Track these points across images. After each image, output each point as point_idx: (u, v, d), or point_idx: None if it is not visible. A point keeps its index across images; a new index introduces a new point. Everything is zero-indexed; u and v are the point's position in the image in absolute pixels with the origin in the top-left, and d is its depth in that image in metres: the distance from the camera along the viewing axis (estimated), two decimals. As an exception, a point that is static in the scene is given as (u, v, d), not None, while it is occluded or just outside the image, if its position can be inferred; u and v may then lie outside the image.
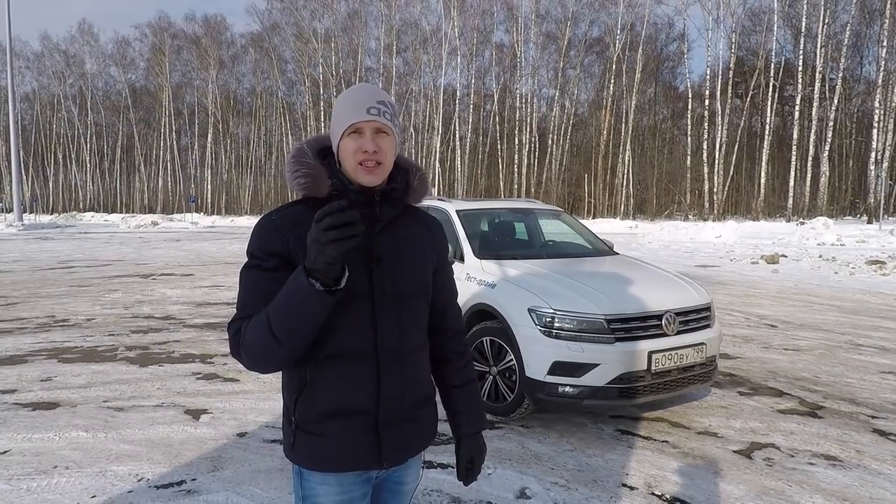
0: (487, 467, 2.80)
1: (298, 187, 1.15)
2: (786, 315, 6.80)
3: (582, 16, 36.99)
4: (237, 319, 1.11)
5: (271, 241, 1.12)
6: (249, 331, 1.06)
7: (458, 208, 4.61)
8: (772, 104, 30.92)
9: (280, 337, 1.02)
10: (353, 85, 1.23)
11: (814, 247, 15.46)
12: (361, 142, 1.12)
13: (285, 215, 1.15)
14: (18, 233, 22.87)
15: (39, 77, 49.98)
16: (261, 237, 1.14)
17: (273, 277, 1.09)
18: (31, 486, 2.57)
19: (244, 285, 1.14)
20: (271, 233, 1.13)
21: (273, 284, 1.08)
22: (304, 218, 1.10)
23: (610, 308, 3.17)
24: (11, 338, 5.35)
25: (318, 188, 1.14)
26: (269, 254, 1.11)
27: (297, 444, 1.15)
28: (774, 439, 3.20)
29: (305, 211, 1.13)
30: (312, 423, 1.14)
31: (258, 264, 1.12)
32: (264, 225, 1.16)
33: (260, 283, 1.11)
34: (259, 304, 1.08)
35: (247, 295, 1.12)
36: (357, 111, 1.12)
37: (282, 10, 41.11)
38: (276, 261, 1.11)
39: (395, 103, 1.26)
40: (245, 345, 1.07)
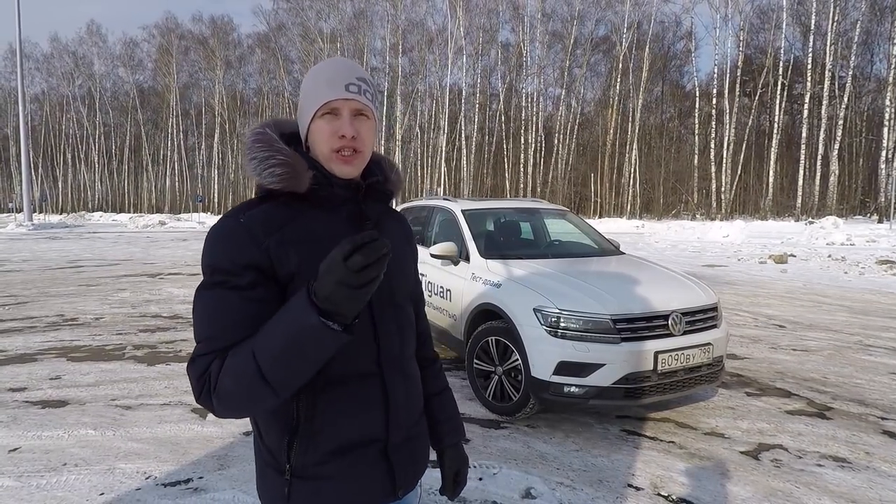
0: (493, 467, 2.79)
1: (274, 179, 0.93)
2: (794, 315, 6.74)
3: (588, 14, 36.88)
4: (202, 356, 0.86)
5: (245, 250, 0.89)
6: (228, 376, 0.82)
7: (463, 208, 4.61)
8: (780, 102, 30.66)
9: (275, 383, 0.81)
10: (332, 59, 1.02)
11: (823, 246, 15.32)
12: (338, 125, 0.95)
13: (256, 217, 0.93)
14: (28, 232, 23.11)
15: (49, 78, 50.45)
16: (229, 246, 0.90)
17: (248, 297, 0.88)
18: (40, 483, 2.59)
19: (206, 311, 0.89)
20: (243, 240, 0.90)
21: (249, 306, 0.87)
22: (279, 218, 0.93)
23: (616, 308, 3.16)
24: (21, 336, 5.41)
25: (298, 181, 0.94)
26: (242, 267, 0.88)
27: (296, 497, 0.93)
28: (782, 440, 3.18)
29: (278, 209, 0.94)
30: (315, 467, 0.93)
31: (225, 281, 0.88)
32: (232, 230, 0.91)
33: (230, 305, 0.87)
34: (232, 333, 0.85)
35: (213, 323, 0.87)
36: (333, 88, 0.94)
37: (288, 10, 41.28)
38: (252, 275, 0.89)
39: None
40: (221, 392, 0.83)
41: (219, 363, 0.85)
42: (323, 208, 0.98)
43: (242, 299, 0.88)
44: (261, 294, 0.89)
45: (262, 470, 0.98)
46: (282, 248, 0.91)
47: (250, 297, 0.88)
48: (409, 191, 39.51)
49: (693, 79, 35.26)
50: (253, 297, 0.88)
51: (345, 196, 0.99)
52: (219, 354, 0.85)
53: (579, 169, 38.31)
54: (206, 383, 0.84)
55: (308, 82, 0.99)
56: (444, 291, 4.26)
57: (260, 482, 1.00)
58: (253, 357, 0.81)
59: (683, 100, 39.08)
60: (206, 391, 0.84)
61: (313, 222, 0.96)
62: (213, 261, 0.91)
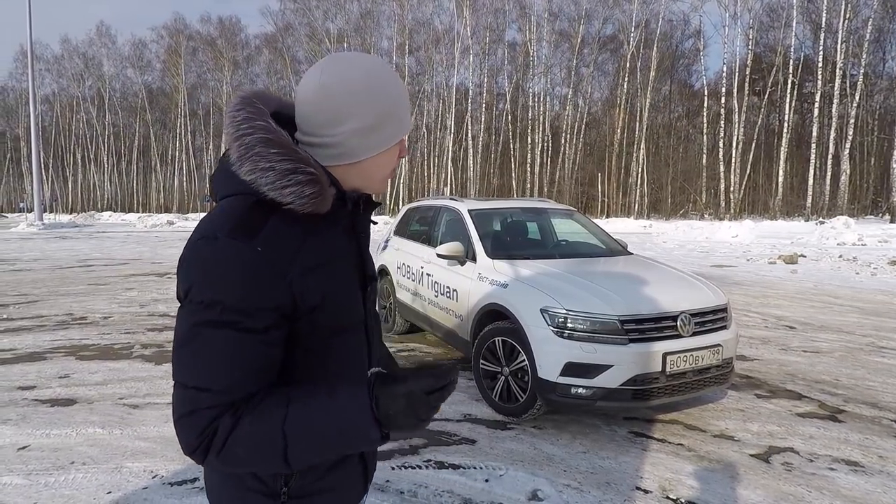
0: (499, 468, 2.78)
1: (301, 200, 0.78)
2: (805, 316, 6.67)
3: (595, 13, 36.74)
4: (206, 409, 0.74)
5: (267, 289, 0.75)
6: (244, 445, 0.74)
7: (470, 208, 4.60)
8: (790, 101, 30.36)
9: (295, 465, 0.76)
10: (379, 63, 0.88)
11: (834, 246, 15.15)
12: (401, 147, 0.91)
13: (272, 241, 0.76)
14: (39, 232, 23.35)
15: (59, 79, 50.99)
16: (247, 281, 0.74)
17: (264, 341, 0.76)
18: (48, 482, 2.61)
19: (213, 356, 0.74)
20: (266, 277, 0.75)
21: (265, 351, 0.76)
22: (295, 238, 0.80)
23: (624, 309, 3.13)
24: (31, 335, 5.46)
25: (325, 202, 0.81)
26: (258, 309, 0.75)
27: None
28: (793, 443, 3.14)
29: (287, 227, 0.79)
30: (315, 483, 0.88)
31: (237, 322, 0.74)
32: (247, 262, 0.74)
33: (244, 351, 0.75)
34: (247, 382, 0.75)
35: (224, 369, 0.74)
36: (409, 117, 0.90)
37: (295, 10, 41.41)
38: (272, 318, 0.76)
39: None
40: (227, 456, 0.74)
41: (229, 421, 0.73)
42: (325, 221, 0.84)
43: (259, 344, 0.76)
44: (274, 336, 0.77)
45: (243, 497, 0.87)
46: (304, 279, 0.79)
47: (265, 340, 0.76)
48: (415, 191, 39.54)
49: (702, 78, 35.00)
50: (267, 341, 0.76)
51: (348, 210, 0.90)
52: (227, 408, 0.74)
53: (586, 168, 38.18)
54: (209, 440, 0.74)
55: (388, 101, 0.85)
56: (451, 291, 4.24)
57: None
58: (284, 437, 0.73)
59: (692, 99, 38.83)
60: (206, 448, 0.74)
61: (324, 240, 0.84)
62: (223, 297, 0.74)
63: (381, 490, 2.56)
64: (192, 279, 0.76)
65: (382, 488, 2.58)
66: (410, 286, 5.06)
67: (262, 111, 0.82)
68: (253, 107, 0.81)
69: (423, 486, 2.60)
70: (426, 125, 40.06)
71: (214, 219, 0.79)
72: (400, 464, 2.83)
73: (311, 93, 0.83)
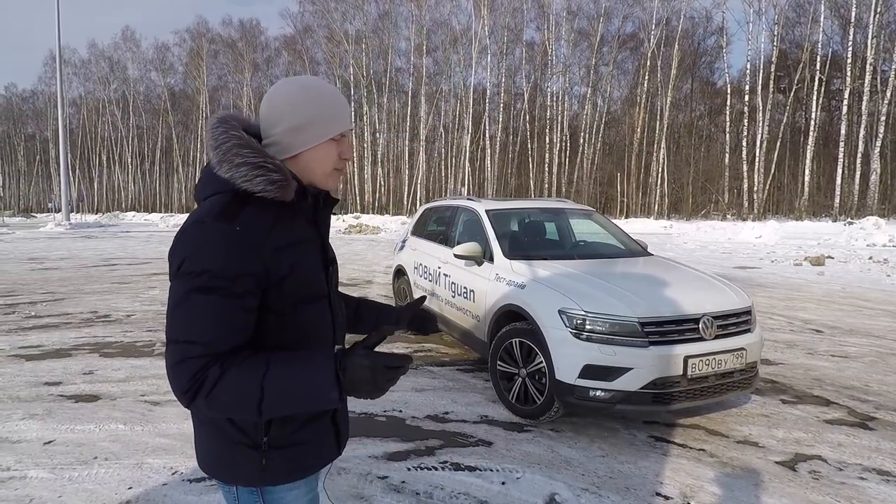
0: (516, 471, 2.75)
1: (269, 186, 0.99)
2: (832, 320, 6.47)
3: (615, 11, 36.26)
4: (195, 358, 0.91)
5: (245, 259, 0.95)
6: (227, 392, 0.91)
7: (487, 208, 4.57)
8: (817, 99, 29.56)
9: (266, 415, 0.93)
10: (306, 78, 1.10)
11: (863, 248, 14.70)
12: (343, 147, 1.09)
13: (249, 223, 0.97)
14: (66, 231, 23.99)
15: (86, 83, 52.34)
16: (226, 254, 0.94)
17: (243, 305, 0.95)
18: (72, 476, 2.66)
19: (202, 315, 0.93)
20: (244, 248, 0.95)
21: (243, 314, 0.95)
22: (267, 222, 1.00)
23: (644, 310, 3.07)
24: (58, 332, 5.59)
25: (288, 191, 1.02)
26: (241, 275, 0.94)
27: (272, 465, 1.05)
28: (821, 451, 3.04)
29: (261, 213, 1.00)
30: (290, 435, 1.07)
31: (223, 288, 0.93)
32: (227, 238, 0.94)
33: (227, 311, 0.94)
34: (228, 339, 0.94)
35: (210, 326, 0.93)
36: (347, 117, 1.09)
37: (314, 12, 41.79)
38: (250, 284, 0.95)
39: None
40: (214, 401, 0.91)
41: (217, 370, 0.91)
42: (292, 212, 1.06)
43: (237, 307, 0.95)
44: (250, 302, 0.97)
45: (230, 451, 1.06)
46: (275, 255, 0.99)
47: (243, 305, 0.96)
48: (433, 191, 39.58)
49: (724, 75, 34.26)
50: (244, 305, 0.96)
51: (310, 203, 1.11)
52: (214, 359, 0.92)
53: (605, 168, 37.73)
54: (200, 385, 0.91)
55: (316, 106, 1.05)
56: (468, 292, 4.22)
57: (228, 463, 1.07)
58: (261, 390, 0.91)
59: (714, 97, 38.07)
60: (195, 391, 0.91)
61: (290, 227, 1.06)
62: (210, 266, 0.93)
63: (397, 491, 2.55)
64: (185, 254, 0.95)
65: (398, 489, 2.57)
66: (427, 286, 5.04)
67: (235, 125, 1.05)
68: (227, 123, 1.04)
69: (439, 488, 2.59)
70: (444, 125, 40.06)
71: (201, 210, 1.00)
72: (416, 465, 2.81)
73: (263, 104, 1.09)
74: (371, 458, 2.89)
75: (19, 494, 2.49)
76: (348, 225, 25.66)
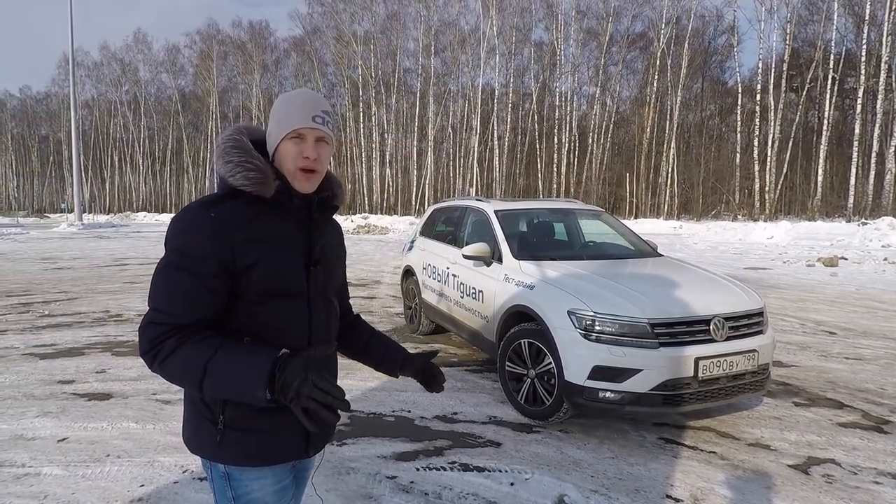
0: (525, 472, 2.74)
1: (246, 181, 1.09)
2: (846, 321, 6.39)
3: (624, 11, 36.05)
4: (159, 324, 1.02)
5: (212, 242, 1.04)
6: (178, 363, 1.00)
7: (496, 208, 4.56)
8: (831, 97, 29.17)
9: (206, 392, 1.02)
10: (297, 89, 1.21)
11: (878, 249, 14.49)
12: (303, 147, 1.12)
13: (226, 212, 1.07)
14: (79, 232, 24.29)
15: (98, 85, 53.00)
16: (198, 236, 1.04)
17: (207, 285, 1.04)
18: (85, 473, 2.69)
19: (170, 288, 1.04)
20: (212, 232, 1.04)
21: (206, 293, 1.04)
22: (245, 216, 1.08)
23: (654, 311, 3.05)
24: (71, 331, 5.67)
25: (266, 187, 1.10)
26: (207, 257, 1.03)
27: (226, 443, 1.12)
28: (834, 454, 3.00)
29: (243, 207, 1.09)
30: (245, 420, 1.11)
31: (191, 266, 1.03)
32: (201, 222, 1.05)
33: (192, 289, 1.03)
34: (190, 312, 1.03)
35: (174, 299, 1.03)
36: (303, 117, 1.12)
37: (322, 13, 41.96)
38: (215, 266, 1.04)
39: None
40: (167, 368, 1.01)
41: (173, 341, 1.01)
42: (278, 212, 1.13)
43: (203, 286, 1.03)
44: (217, 284, 1.05)
45: (198, 422, 1.15)
46: (244, 245, 1.06)
47: (209, 285, 1.04)
48: (441, 191, 39.58)
49: (735, 74, 33.93)
50: (210, 286, 1.04)
51: (299, 205, 1.16)
52: (173, 329, 1.02)
53: (614, 169, 37.50)
54: (158, 350, 1.01)
55: (280, 107, 1.16)
56: (476, 293, 4.22)
57: (195, 434, 1.16)
58: (204, 369, 0.98)
59: (725, 96, 37.72)
60: (153, 356, 1.02)
61: (270, 224, 1.12)
62: (181, 244, 1.05)
63: (406, 491, 2.56)
64: (169, 233, 1.07)
65: (407, 489, 2.57)
66: (436, 287, 5.05)
67: (241, 132, 1.16)
68: (237, 132, 1.16)
69: (448, 489, 2.59)
70: (452, 126, 40.06)
71: (197, 199, 1.12)
72: (424, 465, 2.82)
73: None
74: (380, 457, 2.90)
75: (34, 491, 2.53)
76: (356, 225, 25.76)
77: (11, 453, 2.89)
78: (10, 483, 2.59)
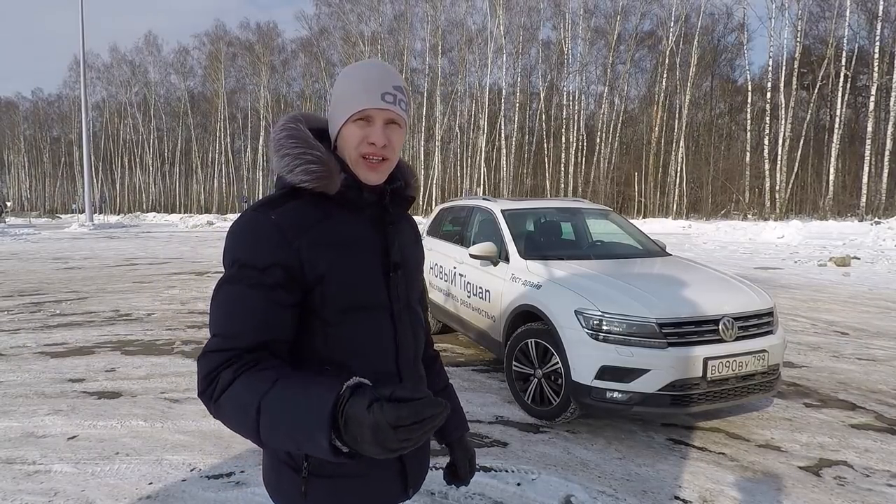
0: (532, 472, 2.72)
1: (308, 177, 0.91)
2: (858, 322, 6.30)
3: (633, 9, 35.89)
4: (216, 351, 0.84)
5: (275, 248, 0.87)
6: (231, 402, 0.79)
7: (503, 208, 4.55)
8: (843, 95, 28.84)
9: (265, 440, 0.78)
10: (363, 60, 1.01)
11: (891, 248, 14.28)
12: (370, 132, 0.93)
13: (287, 214, 0.90)
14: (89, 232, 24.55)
15: (108, 86, 53.59)
16: (258, 243, 0.87)
17: (271, 298, 0.86)
18: (95, 471, 2.72)
19: (226, 306, 0.87)
20: (274, 238, 0.87)
21: (270, 308, 0.86)
22: (311, 217, 0.92)
23: (662, 311, 3.03)
24: (81, 330, 5.72)
25: (331, 182, 0.92)
26: (269, 266, 0.86)
27: (314, 494, 0.94)
28: (846, 456, 2.96)
29: (307, 207, 0.93)
30: (333, 466, 0.91)
31: (250, 278, 0.86)
32: (262, 226, 0.88)
33: (252, 303, 0.85)
34: (250, 334, 0.84)
35: (232, 319, 0.85)
36: (370, 95, 0.93)
37: (329, 14, 42.16)
38: (279, 275, 0.87)
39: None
40: (221, 409, 0.81)
41: (230, 372, 0.81)
42: (348, 210, 0.97)
43: (265, 299, 0.86)
44: (283, 297, 0.87)
45: (277, 468, 0.97)
46: (313, 251, 0.90)
47: (273, 298, 0.86)
48: (448, 191, 39.60)
49: (745, 72, 33.65)
50: (275, 299, 0.87)
51: (370, 200, 0.99)
52: (233, 357, 0.83)
53: (622, 168, 37.33)
54: (212, 386, 0.82)
55: (343, 84, 0.96)
56: (483, 292, 4.20)
57: (274, 480, 0.99)
58: (258, 408, 0.76)
59: (734, 95, 37.42)
60: (209, 393, 0.82)
61: (340, 224, 0.96)
62: (240, 256, 0.88)
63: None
64: (226, 245, 0.91)
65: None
66: (443, 286, 5.04)
67: (299, 120, 0.98)
68: (293, 121, 0.98)
69: (454, 488, 2.58)
70: (459, 125, 40.07)
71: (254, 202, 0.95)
72: (431, 464, 2.80)
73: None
74: (386, 457, 2.89)
75: (44, 488, 2.55)
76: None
77: (22, 451, 2.92)
78: (21, 480, 2.62)
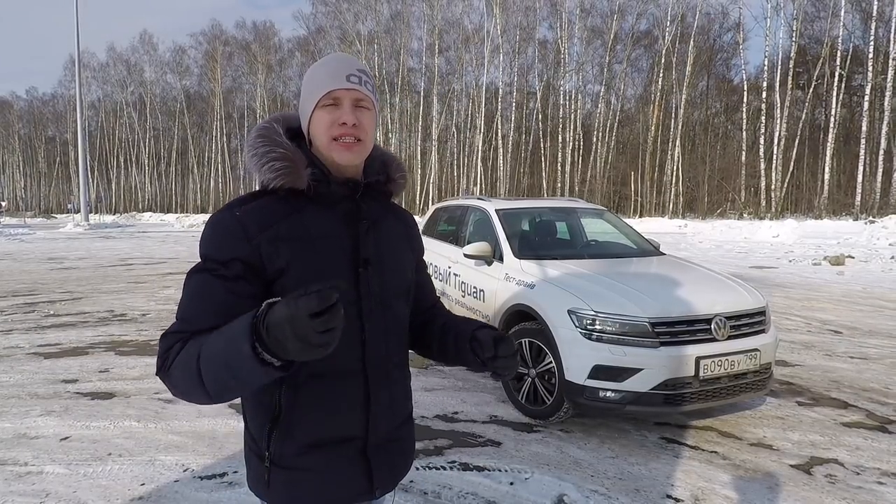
0: (525, 471, 2.73)
1: (273, 174, 0.94)
2: (852, 320, 6.34)
3: (629, 9, 35.91)
4: (174, 332, 0.89)
5: (235, 243, 0.92)
6: (178, 365, 0.84)
7: (497, 207, 4.55)
8: (838, 95, 28.93)
9: (209, 389, 0.81)
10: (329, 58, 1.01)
11: (885, 247, 14.35)
12: (339, 114, 0.95)
13: (252, 211, 0.94)
14: (85, 232, 24.45)
15: (104, 86, 53.35)
16: (221, 238, 0.93)
17: (231, 288, 0.90)
18: (87, 472, 2.71)
19: (188, 293, 0.92)
20: (235, 233, 0.92)
21: (229, 297, 0.89)
22: (279, 213, 0.95)
23: (655, 311, 3.04)
24: (75, 331, 5.70)
25: (297, 177, 0.95)
26: (229, 259, 0.91)
27: (274, 484, 0.97)
28: (838, 454, 2.97)
29: (275, 204, 0.96)
30: (292, 458, 0.96)
31: (213, 269, 0.91)
32: (225, 223, 0.94)
33: (212, 291, 0.90)
34: (207, 317, 0.87)
35: (192, 304, 0.90)
36: (334, 78, 0.95)
37: (326, 13, 42.02)
38: (239, 268, 0.91)
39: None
40: (172, 377, 0.86)
41: (180, 347, 0.86)
42: (321, 205, 0.99)
43: (224, 289, 0.90)
44: (243, 288, 0.91)
45: (248, 457, 1.02)
46: (273, 245, 0.93)
47: (232, 288, 0.90)
48: (445, 190, 39.58)
49: (741, 72, 33.73)
50: (234, 290, 0.90)
51: (342, 194, 0.99)
52: (188, 338, 0.87)
53: (619, 167, 37.38)
54: (165, 361, 0.87)
55: (308, 77, 1.00)
56: (477, 292, 4.21)
57: (247, 469, 1.04)
58: (197, 358, 0.81)
59: (730, 94, 37.48)
60: (164, 368, 0.87)
61: (309, 219, 0.97)
62: (206, 250, 0.94)
63: (405, 490, 2.55)
64: (200, 241, 0.97)
65: (406, 488, 2.57)
66: (437, 286, 5.04)
67: (277, 120, 1.02)
68: (268, 121, 1.02)
69: (447, 488, 2.58)
70: (456, 125, 40.06)
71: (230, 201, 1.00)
72: (424, 464, 2.81)
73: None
74: (380, 457, 2.89)
75: (36, 489, 2.54)
76: (361, 225, 25.75)
77: (14, 452, 2.91)
78: (12, 481, 2.61)
